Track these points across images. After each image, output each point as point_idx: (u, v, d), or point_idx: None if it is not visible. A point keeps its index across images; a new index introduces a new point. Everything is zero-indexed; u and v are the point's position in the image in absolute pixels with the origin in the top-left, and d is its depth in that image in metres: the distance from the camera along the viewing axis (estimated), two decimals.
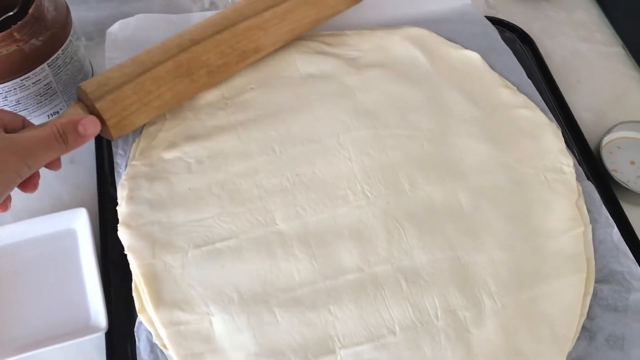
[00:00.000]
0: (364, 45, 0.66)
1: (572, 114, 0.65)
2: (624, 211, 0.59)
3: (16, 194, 0.60)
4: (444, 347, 0.49)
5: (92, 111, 0.53)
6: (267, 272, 0.51)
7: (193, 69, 0.57)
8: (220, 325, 0.49)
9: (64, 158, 0.61)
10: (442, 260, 0.52)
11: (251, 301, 0.50)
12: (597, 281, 0.53)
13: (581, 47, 0.74)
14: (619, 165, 0.64)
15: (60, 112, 0.62)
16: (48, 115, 0.62)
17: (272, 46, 0.62)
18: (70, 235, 0.56)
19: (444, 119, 0.60)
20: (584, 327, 0.51)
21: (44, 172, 0.61)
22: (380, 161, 0.57)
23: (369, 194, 0.55)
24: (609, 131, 0.64)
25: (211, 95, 0.61)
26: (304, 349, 0.48)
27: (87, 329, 0.51)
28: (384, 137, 0.59)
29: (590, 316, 0.51)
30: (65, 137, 0.49)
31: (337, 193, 0.55)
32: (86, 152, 0.62)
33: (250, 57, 0.61)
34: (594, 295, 0.52)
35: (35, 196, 0.59)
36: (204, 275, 0.51)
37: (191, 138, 0.58)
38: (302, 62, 0.64)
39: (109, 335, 0.52)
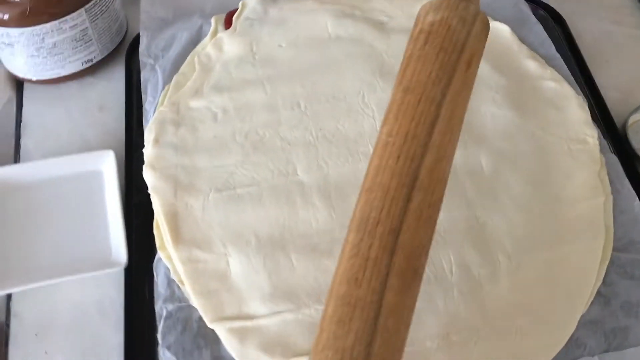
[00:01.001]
0: (393, 11, 0.66)
1: (599, 91, 0.65)
2: None
3: (45, 135, 0.62)
4: (456, 301, 0.49)
5: None
6: (285, 219, 0.52)
7: (418, 261, 0.41)
8: (236, 265, 0.50)
9: (94, 105, 0.64)
10: (459, 218, 0.53)
11: (268, 245, 0.51)
12: (616, 249, 0.52)
13: (612, 29, 0.74)
14: None
15: (95, 59, 0.64)
16: (82, 62, 0.63)
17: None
18: (96, 176, 0.58)
19: None
20: (599, 293, 0.50)
21: (74, 118, 0.63)
22: None
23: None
24: (636, 109, 0.64)
25: (240, 50, 0.62)
26: (317, 292, 0.49)
27: (108, 263, 0.53)
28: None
29: (606, 282, 0.51)
30: None
31: (359, 149, 0.56)
32: (116, 99, 0.64)
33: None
34: (612, 262, 0.52)
35: (64, 140, 0.61)
36: (223, 217, 0.52)
37: (218, 89, 0.60)
38: (331, 24, 0.64)
39: (128, 271, 0.53)
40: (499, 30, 0.66)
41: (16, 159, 0.61)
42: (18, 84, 0.66)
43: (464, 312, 0.48)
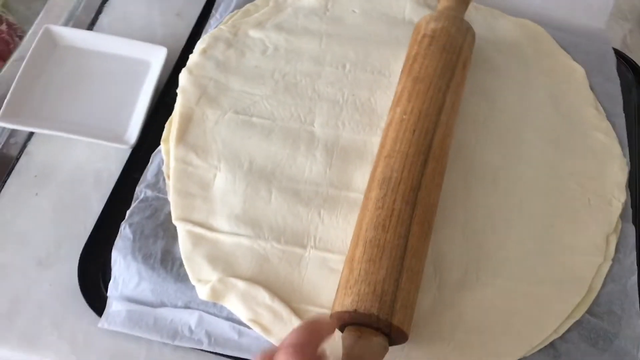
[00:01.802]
0: (475, 18, 0.66)
1: None
2: None
3: (122, 20, 0.67)
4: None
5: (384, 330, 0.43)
6: (282, 158, 0.54)
7: (431, 216, 0.48)
8: (221, 181, 0.52)
9: (174, 8, 0.68)
10: (452, 216, 0.52)
11: (257, 174, 0.53)
12: (591, 313, 0.50)
13: None
14: None
15: None
16: None
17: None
18: (144, 65, 0.62)
19: (519, 107, 0.59)
20: (552, 345, 0.48)
21: (152, 14, 0.68)
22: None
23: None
24: None
25: (316, 3, 0.64)
26: (280, 232, 0.50)
27: (119, 139, 0.57)
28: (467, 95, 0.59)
29: (565, 339, 0.48)
30: None
31: (380, 124, 0.56)
32: (195, 11, 0.68)
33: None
34: (580, 323, 0.49)
35: (135, 29, 0.66)
36: (229, 136, 0.54)
37: (280, 28, 0.62)
38: (410, 9, 0.65)
39: (133, 154, 0.57)
40: (574, 70, 0.63)
41: (89, 29, 0.66)
42: None
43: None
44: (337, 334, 0.43)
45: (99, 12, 0.68)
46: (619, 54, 0.70)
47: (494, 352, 0.47)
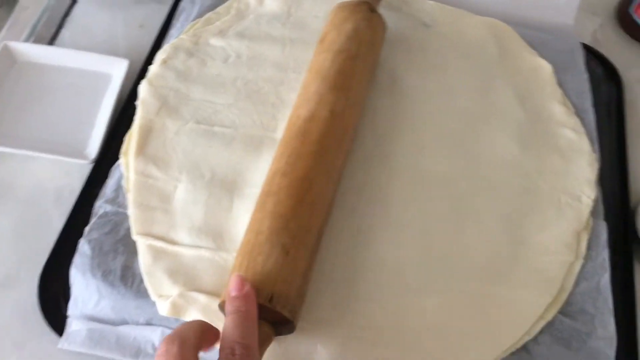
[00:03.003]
0: (441, 17, 0.65)
1: (626, 160, 0.61)
2: (633, 272, 0.54)
3: (83, 33, 0.66)
4: (375, 297, 0.47)
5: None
6: (244, 167, 0.52)
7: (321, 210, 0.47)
8: (182, 192, 0.51)
9: (137, 21, 0.67)
10: (413, 222, 0.51)
11: (218, 184, 0.51)
12: (563, 313, 0.48)
13: None
14: None
15: None
16: None
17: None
18: (105, 78, 0.61)
19: (484, 107, 0.58)
20: (525, 347, 0.47)
21: (115, 27, 0.67)
22: (399, 116, 0.57)
23: (372, 141, 0.55)
24: None
25: (279, 9, 0.64)
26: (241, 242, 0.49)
27: (80, 154, 0.56)
28: (416, 99, 0.58)
29: (537, 340, 0.47)
30: None
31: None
32: (159, 22, 0.67)
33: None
34: (552, 324, 0.48)
35: (97, 42, 0.65)
36: (190, 147, 0.53)
37: (242, 36, 0.61)
38: None
39: (95, 169, 0.55)
40: (540, 66, 0.63)
41: (50, 44, 0.65)
42: None
43: (377, 310, 0.47)
44: None
45: (60, 26, 0.67)
46: (589, 49, 0.69)
47: (464, 357, 0.46)
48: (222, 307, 0.42)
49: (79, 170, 0.56)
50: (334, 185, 0.48)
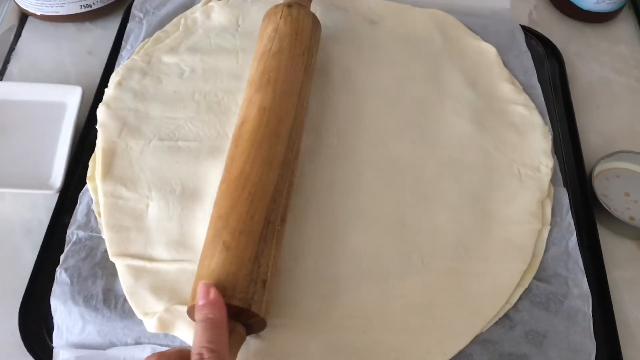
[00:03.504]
0: (385, 13, 0.67)
1: (577, 130, 0.64)
2: (597, 232, 0.57)
3: (31, 66, 0.65)
4: (359, 287, 0.48)
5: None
6: (214, 178, 0.52)
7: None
8: (154, 209, 0.51)
9: (84, 48, 0.67)
10: (386, 211, 0.52)
11: (190, 197, 0.52)
12: (538, 279, 0.51)
13: (612, 77, 0.72)
14: (611, 192, 0.61)
15: (94, 6, 0.67)
16: (80, 6, 0.67)
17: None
18: (60, 107, 0.61)
19: (437, 94, 0.61)
20: (507, 316, 0.49)
21: (62, 56, 0.67)
22: (358, 111, 0.58)
23: (336, 138, 0.56)
24: (608, 156, 0.62)
25: (226, 21, 0.64)
26: None
27: (44, 185, 0.55)
28: (371, 93, 0.59)
29: (517, 308, 0.49)
30: None
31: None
32: (107, 47, 0.67)
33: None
34: (529, 290, 0.50)
35: (47, 73, 0.64)
36: (157, 164, 0.53)
37: (194, 50, 0.62)
38: (320, 14, 0.66)
39: (61, 200, 0.55)
40: (485, 50, 0.65)
41: None
42: (23, 17, 0.70)
43: (362, 299, 0.48)
44: None
45: (6, 61, 0.66)
46: (527, 30, 0.72)
47: (450, 333, 0.47)
48: (190, 312, 0.42)
49: (44, 201, 0.56)
50: (281, 171, 0.48)
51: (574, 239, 0.53)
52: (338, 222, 0.51)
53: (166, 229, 0.50)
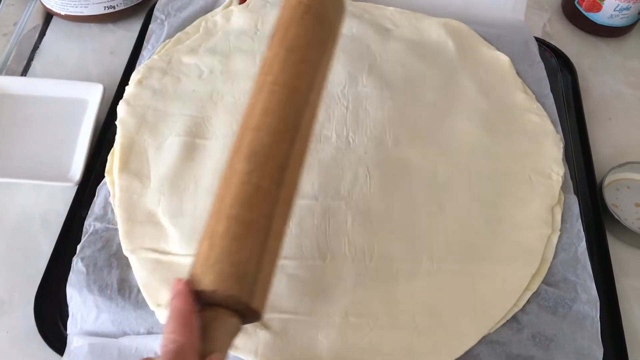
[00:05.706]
0: (401, 21, 0.68)
1: (588, 141, 0.64)
2: (607, 240, 0.57)
3: (54, 64, 0.67)
4: (367, 285, 0.49)
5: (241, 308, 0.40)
6: None
7: (293, 198, 0.44)
8: (168, 205, 0.52)
9: (107, 48, 0.68)
10: (396, 213, 0.53)
11: (203, 193, 0.53)
12: (547, 283, 0.51)
13: (625, 90, 0.72)
14: (621, 202, 0.61)
15: (117, 7, 0.69)
16: (104, 7, 0.68)
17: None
18: (82, 104, 0.62)
19: (451, 101, 0.61)
20: (515, 318, 0.49)
21: (85, 55, 0.68)
22: (374, 117, 0.59)
23: (351, 140, 0.57)
24: (620, 166, 0.62)
25: (246, 25, 0.66)
26: None
27: (64, 177, 0.56)
28: (386, 98, 0.60)
29: (525, 310, 0.49)
30: None
31: (323, 131, 0.57)
32: (129, 47, 0.68)
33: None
34: (537, 294, 0.50)
35: (69, 71, 0.66)
36: (172, 160, 0.55)
37: (213, 52, 0.63)
38: None
39: (79, 192, 0.56)
40: (499, 59, 0.66)
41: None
42: (48, 17, 0.72)
43: (370, 297, 0.48)
44: None
45: (30, 59, 0.68)
46: (541, 42, 0.73)
47: (458, 333, 0.47)
48: None
49: (63, 194, 0.57)
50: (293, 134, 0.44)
51: (583, 245, 0.53)
52: (347, 221, 0.52)
53: (179, 224, 0.51)
